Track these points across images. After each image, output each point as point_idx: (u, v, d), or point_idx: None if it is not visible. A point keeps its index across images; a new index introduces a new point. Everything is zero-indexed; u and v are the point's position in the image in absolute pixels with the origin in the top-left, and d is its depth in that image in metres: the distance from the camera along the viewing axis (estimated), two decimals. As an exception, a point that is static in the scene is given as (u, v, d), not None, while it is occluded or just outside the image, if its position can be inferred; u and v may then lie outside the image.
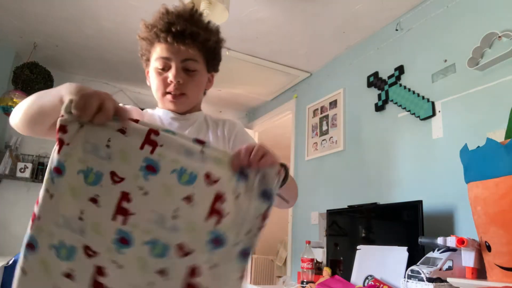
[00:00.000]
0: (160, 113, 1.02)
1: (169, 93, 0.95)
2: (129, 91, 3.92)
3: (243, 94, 3.82)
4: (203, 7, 1.91)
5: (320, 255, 2.44)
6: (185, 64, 0.94)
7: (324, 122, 2.96)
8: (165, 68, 0.94)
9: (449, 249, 1.52)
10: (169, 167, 0.65)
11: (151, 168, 0.64)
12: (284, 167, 0.76)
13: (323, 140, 2.95)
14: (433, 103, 2.03)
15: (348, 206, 2.34)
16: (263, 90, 3.70)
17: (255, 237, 0.68)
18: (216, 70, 1.06)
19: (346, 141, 2.70)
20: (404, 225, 1.94)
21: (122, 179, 0.64)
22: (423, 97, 2.10)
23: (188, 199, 0.65)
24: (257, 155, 0.68)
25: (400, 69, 2.31)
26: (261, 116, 4.11)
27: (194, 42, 0.93)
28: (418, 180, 2.07)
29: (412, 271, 1.52)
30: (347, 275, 2.04)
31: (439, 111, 2.00)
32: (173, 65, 0.93)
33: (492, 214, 1.32)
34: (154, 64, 0.96)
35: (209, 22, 0.99)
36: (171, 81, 0.94)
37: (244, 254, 0.68)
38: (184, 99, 0.97)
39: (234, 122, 1.09)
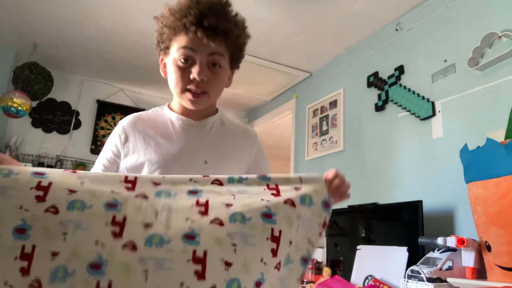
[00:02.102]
0: (173, 117, 0.97)
1: (189, 90, 0.88)
2: (129, 91, 3.92)
3: (243, 94, 3.82)
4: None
5: (320, 255, 2.44)
6: (211, 58, 0.86)
7: (324, 122, 2.96)
8: (188, 61, 0.86)
9: (449, 249, 1.52)
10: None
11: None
12: None
13: (323, 140, 2.95)
14: (433, 103, 2.03)
15: (348, 206, 2.34)
16: (263, 90, 3.70)
17: (314, 244, 0.75)
18: (238, 67, 1.00)
19: (346, 141, 2.70)
20: (404, 225, 1.94)
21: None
22: (423, 97, 2.10)
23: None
24: (341, 187, 0.80)
25: (400, 69, 2.31)
26: (261, 116, 4.11)
27: (225, 39, 0.87)
28: (418, 180, 2.07)
29: (412, 271, 1.52)
30: (347, 275, 2.04)
31: (439, 111, 2.00)
32: (198, 59, 0.85)
33: (492, 214, 1.32)
34: (175, 54, 0.87)
35: (237, 15, 0.92)
36: (194, 78, 0.85)
37: (304, 260, 0.74)
38: (205, 98, 0.90)
39: (254, 136, 1.05)
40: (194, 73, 0.85)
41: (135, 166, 0.91)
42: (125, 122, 0.97)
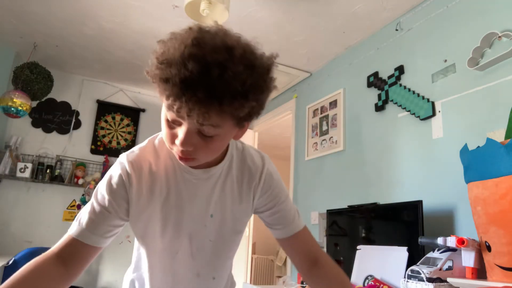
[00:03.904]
0: (176, 161, 0.83)
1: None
2: (129, 91, 3.92)
3: (243, 94, 3.82)
4: (203, 7, 1.91)
5: (320, 255, 2.44)
6: (201, 128, 0.67)
7: (324, 122, 2.96)
8: (175, 122, 0.69)
9: (449, 249, 1.52)
10: None
11: None
12: None
13: (323, 140, 2.95)
14: (433, 103, 2.03)
15: (348, 206, 2.34)
16: (263, 90, 3.70)
17: None
18: (256, 118, 0.74)
19: (346, 141, 2.70)
20: (404, 225, 1.94)
21: None
22: (423, 97, 2.10)
23: None
24: None
25: (400, 69, 2.31)
26: (261, 116, 4.11)
27: (222, 109, 0.63)
28: (418, 180, 2.07)
29: (412, 271, 1.52)
30: (347, 275, 2.04)
31: (439, 111, 2.00)
32: (184, 126, 0.68)
33: (492, 214, 1.32)
34: (164, 108, 0.70)
35: (253, 66, 0.65)
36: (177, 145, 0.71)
37: None
38: (196, 162, 0.75)
39: (270, 177, 0.91)
40: (178, 140, 0.69)
41: (142, 220, 0.85)
42: (123, 170, 0.82)
